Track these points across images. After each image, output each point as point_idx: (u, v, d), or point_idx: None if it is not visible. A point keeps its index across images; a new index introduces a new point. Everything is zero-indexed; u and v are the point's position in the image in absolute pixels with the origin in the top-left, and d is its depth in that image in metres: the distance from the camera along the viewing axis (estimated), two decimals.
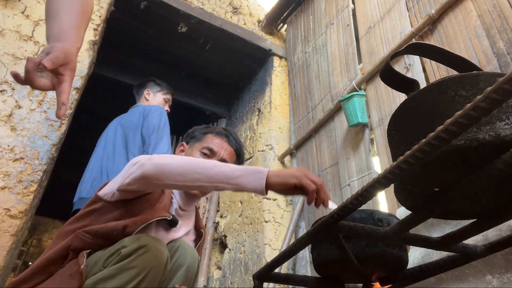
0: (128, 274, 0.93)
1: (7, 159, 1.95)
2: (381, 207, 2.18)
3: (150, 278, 0.96)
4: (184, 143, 1.43)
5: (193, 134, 1.42)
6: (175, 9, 3.18)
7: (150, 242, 0.98)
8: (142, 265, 0.94)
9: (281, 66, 3.65)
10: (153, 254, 0.97)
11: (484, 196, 0.74)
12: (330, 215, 0.86)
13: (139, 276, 0.94)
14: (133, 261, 0.94)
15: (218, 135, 1.40)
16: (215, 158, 1.34)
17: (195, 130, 1.45)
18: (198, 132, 1.42)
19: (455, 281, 1.32)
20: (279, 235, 2.76)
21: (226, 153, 1.38)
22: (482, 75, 0.74)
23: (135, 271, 0.94)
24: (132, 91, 2.83)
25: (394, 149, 0.86)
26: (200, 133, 1.41)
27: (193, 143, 1.40)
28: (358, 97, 2.37)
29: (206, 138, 1.39)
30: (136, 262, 0.94)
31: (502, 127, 0.67)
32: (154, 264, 0.97)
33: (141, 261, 0.95)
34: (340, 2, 3.03)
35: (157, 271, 0.98)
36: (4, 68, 2.15)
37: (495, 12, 1.78)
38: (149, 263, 0.95)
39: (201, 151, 1.34)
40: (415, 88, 0.87)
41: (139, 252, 0.95)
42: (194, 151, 1.35)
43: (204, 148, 1.35)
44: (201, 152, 1.34)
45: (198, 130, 1.44)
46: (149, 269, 0.95)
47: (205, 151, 1.34)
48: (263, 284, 1.22)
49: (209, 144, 1.36)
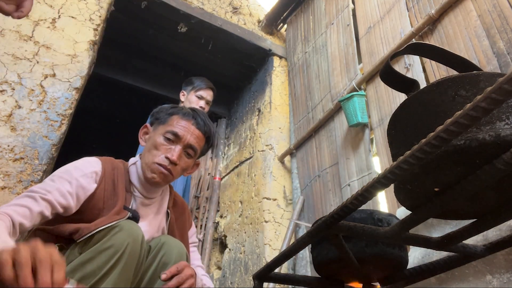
0: (105, 255, 0.92)
1: (7, 159, 1.96)
2: (381, 207, 2.18)
3: (127, 255, 0.95)
4: (148, 124, 1.32)
5: (158, 115, 1.29)
6: (175, 9, 3.18)
7: (121, 222, 0.98)
8: (117, 243, 0.94)
9: (281, 66, 3.65)
10: (127, 231, 0.96)
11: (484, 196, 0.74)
12: (330, 215, 0.86)
13: (117, 254, 0.93)
14: (108, 241, 0.94)
15: (185, 117, 1.26)
16: (180, 143, 1.22)
17: (160, 110, 1.31)
18: (164, 113, 1.28)
19: (455, 281, 1.32)
20: (279, 235, 2.76)
21: (193, 138, 1.25)
22: (482, 75, 0.74)
23: (112, 250, 0.93)
24: (131, 91, 2.83)
25: (394, 149, 0.86)
26: (166, 114, 1.27)
27: (157, 125, 1.27)
28: (358, 97, 2.37)
29: (171, 120, 1.25)
30: (112, 242, 0.94)
31: (502, 127, 0.67)
32: (130, 240, 0.96)
33: (116, 240, 0.94)
34: (340, 2, 3.03)
35: (133, 247, 0.97)
36: (4, 68, 2.15)
37: (495, 12, 1.78)
38: (124, 240, 0.95)
39: (164, 135, 1.21)
40: (415, 88, 0.87)
41: (112, 232, 0.95)
42: (157, 135, 1.23)
43: (167, 132, 1.22)
44: (165, 137, 1.21)
45: (163, 110, 1.30)
46: (125, 246, 0.94)
47: (169, 135, 1.21)
48: (263, 284, 1.22)
49: (174, 127, 1.22)
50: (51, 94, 2.22)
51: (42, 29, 2.39)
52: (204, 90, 2.53)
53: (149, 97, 3.89)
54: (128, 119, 4.66)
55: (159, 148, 1.21)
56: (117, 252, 0.93)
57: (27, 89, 2.17)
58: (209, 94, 2.56)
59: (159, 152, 1.20)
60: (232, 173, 3.60)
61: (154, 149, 1.21)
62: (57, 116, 2.18)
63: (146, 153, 1.23)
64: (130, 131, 3.34)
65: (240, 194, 3.31)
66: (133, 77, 3.71)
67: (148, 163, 1.20)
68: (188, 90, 2.55)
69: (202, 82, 2.56)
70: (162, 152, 1.20)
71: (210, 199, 3.62)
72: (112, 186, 1.17)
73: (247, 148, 3.50)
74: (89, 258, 0.92)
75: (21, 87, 2.15)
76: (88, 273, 0.91)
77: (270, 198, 2.91)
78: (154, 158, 1.20)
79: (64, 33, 2.45)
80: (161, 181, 1.21)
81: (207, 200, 3.64)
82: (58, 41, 2.40)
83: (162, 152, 1.20)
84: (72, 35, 2.48)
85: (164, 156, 1.20)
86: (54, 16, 2.48)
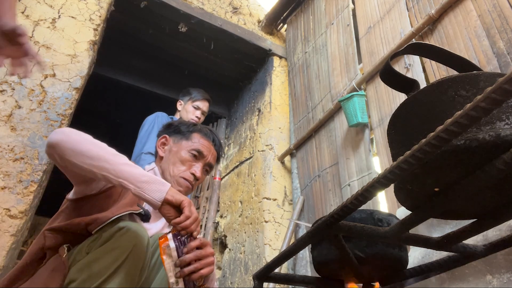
0: (111, 255, 0.93)
1: (7, 159, 1.95)
2: (381, 207, 2.18)
3: (133, 256, 0.96)
4: (167, 136, 1.40)
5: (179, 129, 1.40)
6: (175, 9, 3.18)
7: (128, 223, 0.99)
8: (124, 245, 0.95)
9: (281, 66, 3.65)
10: (134, 233, 0.97)
11: (484, 196, 0.74)
12: (330, 215, 0.86)
13: (123, 255, 0.94)
14: (115, 241, 0.95)
15: (206, 137, 1.39)
16: (202, 161, 1.34)
17: (180, 125, 1.42)
18: (184, 129, 1.39)
19: (455, 281, 1.32)
20: (279, 235, 2.76)
21: (212, 157, 1.39)
22: (482, 75, 0.74)
23: (118, 251, 0.94)
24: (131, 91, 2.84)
25: (394, 149, 0.86)
26: (187, 130, 1.39)
27: (179, 139, 1.37)
28: (358, 97, 2.37)
29: (193, 137, 1.37)
30: (118, 243, 0.95)
31: (502, 127, 0.67)
32: (136, 242, 0.97)
33: (123, 241, 0.95)
34: (340, 2, 3.03)
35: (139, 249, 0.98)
36: (4, 68, 2.15)
37: (495, 12, 1.78)
38: (130, 242, 0.96)
39: (190, 152, 1.33)
40: (415, 88, 0.87)
41: (119, 233, 0.96)
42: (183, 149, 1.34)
43: (193, 149, 1.34)
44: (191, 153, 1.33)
45: (183, 125, 1.41)
46: (131, 248, 0.95)
47: (194, 152, 1.34)
48: (263, 284, 1.22)
49: (199, 146, 1.35)
50: (51, 94, 2.22)
51: (42, 29, 2.39)
52: (201, 101, 2.66)
53: (149, 97, 3.89)
54: (128, 119, 4.66)
55: (185, 163, 1.32)
56: (123, 254, 0.94)
57: (27, 89, 2.17)
58: (205, 105, 2.69)
59: (184, 167, 1.31)
60: (232, 173, 3.60)
61: (179, 163, 1.32)
62: (57, 116, 2.18)
63: (171, 166, 1.32)
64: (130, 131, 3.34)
65: (240, 194, 3.31)
66: (133, 77, 3.71)
67: (174, 176, 1.30)
68: (185, 100, 2.66)
69: (199, 93, 2.68)
70: (187, 167, 1.32)
71: (210, 199, 3.62)
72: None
73: (247, 148, 3.50)
74: (96, 258, 0.93)
75: (21, 87, 2.15)
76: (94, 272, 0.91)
77: (270, 198, 2.91)
78: (180, 173, 1.30)
79: (64, 33, 2.45)
80: (185, 193, 1.31)
81: (207, 200, 3.64)
82: (58, 41, 2.40)
83: (187, 168, 1.32)
84: (72, 35, 2.48)
85: (190, 172, 1.31)
86: (54, 16, 2.48)
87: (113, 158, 0.98)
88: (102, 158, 0.97)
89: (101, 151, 0.99)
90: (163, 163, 1.34)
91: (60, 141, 0.99)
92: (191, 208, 0.99)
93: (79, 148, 0.98)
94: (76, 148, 0.98)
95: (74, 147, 0.98)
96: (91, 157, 0.97)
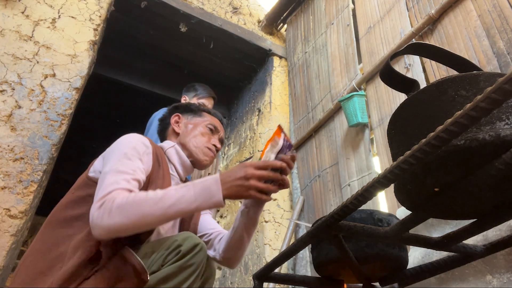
0: (187, 272, 0.96)
1: (7, 159, 1.95)
2: (381, 207, 2.18)
3: (201, 273, 1.01)
4: (179, 114, 1.44)
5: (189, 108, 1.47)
6: (175, 9, 3.18)
7: (198, 239, 1.02)
8: (198, 262, 0.98)
9: (281, 66, 3.65)
10: (204, 251, 1.01)
11: (484, 196, 0.74)
12: (330, 215, 0.86)
13: (196, 272, 0.98)
14: (192, 258, 0.97)
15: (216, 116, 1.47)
16: (217, 136, 1.41)
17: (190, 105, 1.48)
18: (195, 107, 1.46)
19: (455, 281, 1.32)
20: (279, 235, 2.76)
21: (223, 134, 1.47)
22: (482, 75, 0.74)
23: (193, 268, 0.97)
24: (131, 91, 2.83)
25: (394, 149, 0.86)
26: (197, 109, 1.46)
27: (192, 116, 1.43)
28: (358, 97, 2.37)
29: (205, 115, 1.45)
30: (194, 260, 0.98)
31: (502, 127, 0.67)
32: (205, 260, 1.01)
33: (198, 258, 0.98)
34: (340, 2, 3.03)
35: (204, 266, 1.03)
36: (4, 68, 2.15)
37: (495, 12, 1.78)
38: (202, 260, 1.00)
39: (207, 126, 1.40)
40: (415, 88, 0.87)
41: (195, 249, 0.98)
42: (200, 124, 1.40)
43: (210, 124, 1.41)
44: (208, 127, 1.40)
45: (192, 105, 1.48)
46: (202, 265, 1.00)
47: (211, 127, 1.41)
48: (263, 284, 1.22)
49: (214, 121, 1.42)
50: (51, 94, 2.22)
51: (42, 29, 2.39)
52: (206, 99, 2.58)
53: (149, 97, 3.89)
54: (128, 119, 4.66)
55: (205, 135, 1.38)
56: (196, 271, 0.98)
57: (27, 89, 2.17)
58: (211, 102, 2.62)
59: (205, 138, 1.37)
60: None
61: (200, 135, 1.37)
62: (57, 116, 2.18)
63: (192, 139, 1.36)
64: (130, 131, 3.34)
65: None
66: (133, 77, 3.70)
67: (199, 146, 1.35)
68: (190, 96, 2.58)
69: (204, 90, 2.60)
70: (207, 139, 1.38)
71: None
72: (158, 166, 1.20)
73: (247, 148, 3.50)
74: (173, 273, 0.95)
75: (21, 87, 2.15)
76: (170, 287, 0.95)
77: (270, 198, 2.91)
78: (204, 143, 1.36)
79: (64, 33, 2.45)
80: (209, 163, 1.38)
81: None
82: (58, 41, 2.40)
83: (207, 139, 1.38)
84: (72, 35, 2.48)
85: (211, 143, 1.38)
86: (54, 16, 2.48)
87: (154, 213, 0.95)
88: (147, 223, 0.96)
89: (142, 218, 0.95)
90: (182, 138, 1.38)
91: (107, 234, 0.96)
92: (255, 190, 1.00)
93: (124, 229, 0.95)
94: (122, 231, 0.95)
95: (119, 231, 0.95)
96: (139, 227, 0.96)
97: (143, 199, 0.96)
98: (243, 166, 1.01)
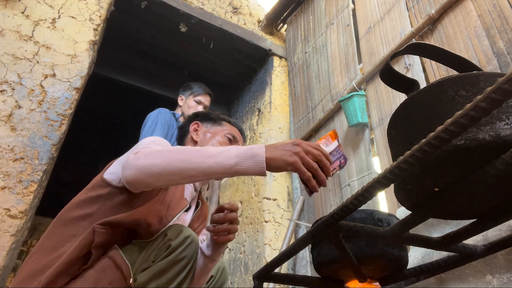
0: (179, 266, 0.96)
1: (7, 159, 1.95)
2: (381, 207, 2.18)
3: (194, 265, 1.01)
4: (198, 122, 1.44)
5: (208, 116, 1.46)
6: (175, 9, 3.18)
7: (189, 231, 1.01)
8: (189, 255, 0.98)
9: (281, 66, 3.65)
10: (196, 243, 1.00)
11: (484, 196, 0.74)
12: (330, 215, 0.86)
13: (188, 265, 0.98)
14: (183, 252, 0.97)
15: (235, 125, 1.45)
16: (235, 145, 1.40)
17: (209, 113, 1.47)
18: (214, 116, 1.45)
19: (455, 281, 1.32)
20: (279, 235, 2.76)
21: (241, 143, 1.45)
22: (482, 75, 0.74)
23: (185, 262, 0.97)
24: (132, 91, 2.82)
25: (394, 149, 0.86)
26: (217, 117, 1.45)
27: (211, 125, 1.42)
28: (358, 97, 2.37)
29: (225, 124, 1.43)
30: (185, 253, 0.97)
31: (502, 127, 0.67)
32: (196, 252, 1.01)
33: (189, 251, 0.98)
34: (340, 2, 3.03)
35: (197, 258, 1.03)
36: (4, 68, 2.15)
37: (495, 12, 1.78)
38: (194, 252, 1.00)
39: (226, 135, 1.39)
40: (415, 88, 0.87)
41: (186, 242, 0.98)
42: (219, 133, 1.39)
43: (229, 133, 1.39)
44: (227, 137, 1.39)
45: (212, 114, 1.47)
46: (194, 257, 1.00)
47: (230, 136, 1.39)
48: (263, 284, 1.22)
49: (233, 131, 1.41)
50: (51, 94, 2.22)
51: (42, 29, 2.39)
52: (203, 96, 2.60)
53: (149, 97, 3.89)
54: (128, 119, 4.66)
55: (223, 145, 1.36)
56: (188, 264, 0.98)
57: (27, 89, 2.17)
58: (207, 99, 2.64)
59: None
60: None
61: (218, 144, 1.36)
62: (57, 116, 2.18)
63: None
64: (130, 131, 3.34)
65: (240, 194, 3.31)
66: (133, 77, 3.70)
67: None
68: (186, 95, 2.60)
69: (200, 87, 2.62)
70: None
71: (210, 199, 3.61)
72: None
73: None
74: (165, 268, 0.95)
75: (21, 87, 2.15)
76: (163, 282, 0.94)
77: (270, 198, 2.91)
78: None
79: (64, 33, 2.45)
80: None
81: (207, 200, 3.64)
82: (58, 41, 2.40)
83: None
84: (72, 35, 2.48)
85: None
86: (54, 16, 2.48)
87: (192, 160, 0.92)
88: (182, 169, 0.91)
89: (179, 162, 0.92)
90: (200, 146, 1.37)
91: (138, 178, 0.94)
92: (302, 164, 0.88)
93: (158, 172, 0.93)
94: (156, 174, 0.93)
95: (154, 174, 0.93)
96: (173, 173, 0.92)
97: (182, 148, 0.96)
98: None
